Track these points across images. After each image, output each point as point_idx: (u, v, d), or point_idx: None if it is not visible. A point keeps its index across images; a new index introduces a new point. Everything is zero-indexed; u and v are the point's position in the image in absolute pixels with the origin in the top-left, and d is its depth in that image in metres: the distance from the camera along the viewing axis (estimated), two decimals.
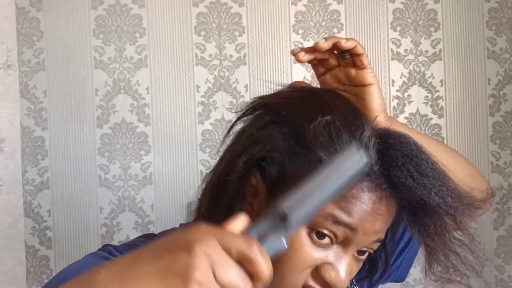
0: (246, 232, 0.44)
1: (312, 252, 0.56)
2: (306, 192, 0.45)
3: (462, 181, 0.60)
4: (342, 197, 0.54)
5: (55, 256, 1.56)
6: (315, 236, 0.56)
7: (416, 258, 0.86)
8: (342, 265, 0.57)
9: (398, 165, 0.54)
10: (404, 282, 1.56)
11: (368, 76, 0.71)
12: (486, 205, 0.67)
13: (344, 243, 0.57)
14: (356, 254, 0.59)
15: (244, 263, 0.41)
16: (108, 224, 1.55)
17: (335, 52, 0.71)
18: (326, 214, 0.55)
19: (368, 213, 0.55)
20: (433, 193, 0.54)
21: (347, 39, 0.67)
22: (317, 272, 0.57)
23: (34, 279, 1.56)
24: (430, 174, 0.54)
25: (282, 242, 0.45)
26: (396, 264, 0.80)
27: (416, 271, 1.54)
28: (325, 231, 0.56)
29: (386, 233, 0.63)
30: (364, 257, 0.61)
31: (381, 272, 0.72)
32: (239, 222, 0.45)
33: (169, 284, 0.39)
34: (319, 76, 0.76)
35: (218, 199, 0.61)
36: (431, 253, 0.60)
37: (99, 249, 0.66)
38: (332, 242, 0.57)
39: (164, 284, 0.39)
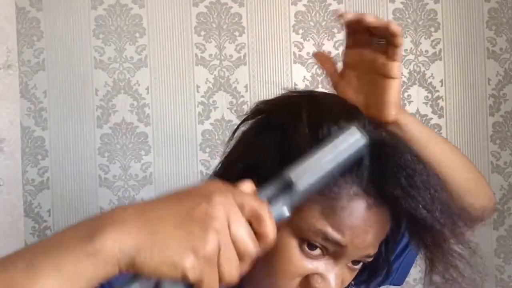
0: (255, 194, 0.46)
1: (302, 262, 0.56)
2: (312, 163, 0.47)
3: (464, 182, 0.59)
4: (333, 212, 0.54)
5: None
6: (306, 247, 0.56)
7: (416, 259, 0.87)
8: (332, 276, 0.57)
9: (388, 174, 0.54)
10: (404, 282, 1.56)
11: (396, 69, 0.70)
12: (486, 216, 0.66)
13: (335, 256, 0.57)
14: (350, 264, 0.59)
15: (254, 222, 0.43)
16: None
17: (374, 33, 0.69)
18: (317, 230, 0.55)
19: (358, 227, 0.55)
20: (421, 206, 0.53)
21: (397, 25, 0.65)
22: (306, 281, 0.57)
23: None
24: (421, 186, 0.53)
25: (285, 209, 0.47)
26: (394, 267, 0.79)
27: (416, 271, 1.54)
28: (317, 244, 0.56)
29: (387, 239, 0.63)
30: (358, 266, 0.61)
31: (382, 277, 0.72)
32: (247, 185, 0.46)
33: (188, 230, 0.40)
34: (347, 46, 0.73)
35: None
36: (430, 263, 0.59)
37: None
38: (323, 254, 0.57)
39: (183, 228, 0.40)
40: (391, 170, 0.54)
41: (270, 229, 0.43)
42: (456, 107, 1.56)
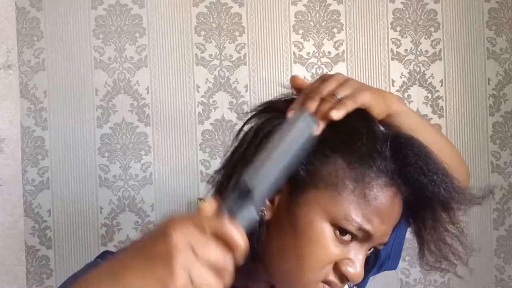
0: (217, 211, 0.47)
1: (335, 248, 0.59)
2: (263, 162, 0.48)
3: (450, 161, 0.65)
4: (366, 201, 0.58)
5: (55, 256, 1.56)
6: (338, 232, 0.59)
7: (414, 256, 0.88)
8: (359, 260, 0.60)
9: (411, 162, 0.59)
10: (404, 282, 1.56)
11: (345, 107, 0.67)
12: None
13: (362, 241, 0.61)
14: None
15: (220, 238, 0.44)
16: (108, 224, 1.55)
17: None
18: (351, 219, 0.58)
19: (386, 215, 0.59)
20: (442, 189, 0.59)
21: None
22: (336, 266, 0.60)
23: (34, 279, 1.56)
24: (439, 172, 0.59)
25: (252, 212, 0.47)
26: (386, 253, 0.82)
27: (416, 271, 1.55)
28: (349, 230, 0.59)
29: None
30: (370, 251, 0.64)
31: (379, 264, 0.76)
32: (208, 205, 0.47)
33: (156, 274, 0.41)
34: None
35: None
36: (426, 245, 0.64)
37: (97, 257, 0.67)
38: (352, 239, 0.60)
39: (151, 275, 0.41)
40: (411, 159, 0.59)
41: (237, 239, 0.44)
42: (456, 107, 1.56)
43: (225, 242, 0.44)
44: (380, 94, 0.66)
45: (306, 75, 1.56)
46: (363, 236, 0.59)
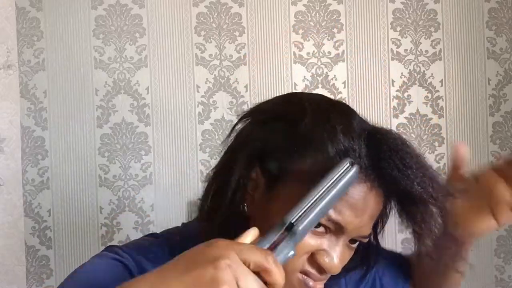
0: (257, 243, 0.49)
1: (308, 239, 0.60)
2: (308, 204, 0.51)
3: None
4: None
5: (55, 256, 1.56)
6: None
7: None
8: (336, 252, 0.61)
9: (385, 157, 0.59)
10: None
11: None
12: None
13: (337, 233, 0.62)
14: (348, 243, 0.64)
15: (262, 273, 0.46)
16: (108, 224, 1.55)
17: None
18: None
19: (359, 209, 0.60)
20: (415, 183, 0.59)
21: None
22: (312, 258, 0.61)
23: (34, 279, 1.56)
24: (414, 166, 0.59)
25: (291, 251, 0.50)
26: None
27: None
28: (321, 222, 0.60)
29: (376, 224, 0.69)
30: (355, 245, 0.65)
31: (373, 261, 0.77)
32: (250, 235, 0.50)
33: None
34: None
35: (221, 194, 0.64)
36: (419, 238, 0.64)
37: (104, 250, 0.67)
38: (326, 232, 0.61)
39: None
40: (386, 154, 0.59)
41: (277, 276, 0.46)
42: (456, 107, 1.56)
43: (265, 278, 0.46)
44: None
45: (306, 75, 1.56)
46: (336, 228, 0.60)
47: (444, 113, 1.56)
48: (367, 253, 0.74)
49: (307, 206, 0.51)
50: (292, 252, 0.50)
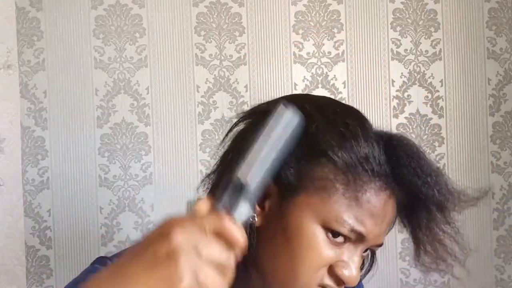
0: (213, 209, 0.47)
1: (328, 251, 0.59)
2: (254, 157, 0.48)
3: None
4: (359, 204, 0.58)
5: (55, 256, 1.56)
6: (330, 235, 0.59)
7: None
8: (355, 263, 0.60)
9: (404, 164, 0.59)
10: (404, 282, 1.56)
11: None
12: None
13: (356, 243, 0.60)
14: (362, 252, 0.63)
15: (221, 236, 0.44)
16: (108, 224, 1.56)
17: None
18: (343, 221, 0.58)
19: (379, 217, 0.59)
20: (436, 191, 0.59)
21: None
22: (331, 269, 0.60)
23: (34, 279, 1.56)
24: (432, 173, 0.59)
25: (248, 208, 0.48)
26: None
27: (416, 271, 1.54)
28: (341, 233, 0.59)
29: None
30: (366, 253, 0.64)
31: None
32: (203, 203, 0.47)
33: (161, 276, 0.41)
34: None
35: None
36: (421, 245, 0.63)
37: (94, 262, 0.66)
38: (345, 241, 0.60)
39: (156, 278, 0.41)
40: (405, 161, 0.59)
41: (237, 235, 0.44)
42: (456, 107, 1.56)
43: (226, 239, 0.44)
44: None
45: (306, 75, 1.56)
46: (356, 238, 0.59)
47: (444, 113, 1.56)
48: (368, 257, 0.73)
49: (255, 160, 0.48)
50: (249, 211, 0.48)
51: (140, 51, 1.56)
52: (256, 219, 0.60)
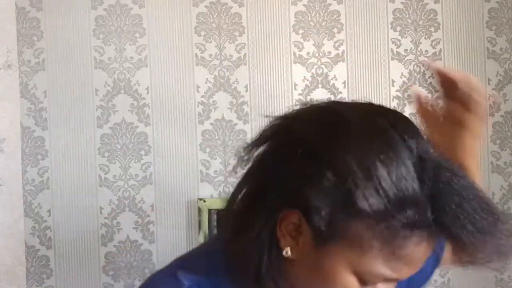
0: None
1: None
2: None
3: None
4: (397, 259, 0.54)
5: (55, 256, 1.56)
6: (359, 283, 0.57)
7: None
8: None
9: (451, 212, 0.52)
10: None
11: (467, 120, 0.76)
12: None
13: (389, 282, 0.58)
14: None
15: None
16: (108, 224, 1.55)
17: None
18: (379, 274, 0.55)
19: (417, 262, 0.56)
20: (496, 253, 0.54)
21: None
22: None
23: (34, 279, 1.56)
24: (485, 225, 0.53)
25: None
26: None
27: None
28: (375, 282, 0.57)
29: None
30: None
31: None
32: None
33: None
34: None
35: (248, 223, 0.58)
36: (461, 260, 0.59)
37: (165, 270, 0.63)
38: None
39: None
40: (452, 210, 0.53)
41: None
42: None
43: None
44: None
45: (306, 75, 1.56)
46: (390, 281, 0.57)
47: None
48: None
49: None
50: None
51: (140, 51, 1.56)
52: (290, 253, 0.57)
